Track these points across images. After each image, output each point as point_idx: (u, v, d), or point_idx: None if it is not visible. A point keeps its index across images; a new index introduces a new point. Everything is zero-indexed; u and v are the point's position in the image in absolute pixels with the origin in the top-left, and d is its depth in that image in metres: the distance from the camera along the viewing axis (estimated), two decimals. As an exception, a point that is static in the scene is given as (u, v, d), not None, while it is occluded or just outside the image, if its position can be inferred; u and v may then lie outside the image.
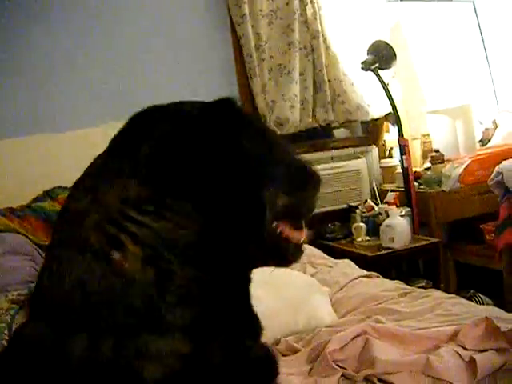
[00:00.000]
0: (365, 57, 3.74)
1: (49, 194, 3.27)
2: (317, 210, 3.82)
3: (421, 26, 4.22)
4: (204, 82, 3.77)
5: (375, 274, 2.62)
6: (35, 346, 0.84)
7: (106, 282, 0.82)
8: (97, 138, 3.43)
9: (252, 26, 3.72)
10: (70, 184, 3.26)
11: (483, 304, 3.02)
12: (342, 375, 1.60)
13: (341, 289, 2.39)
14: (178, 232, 0.87)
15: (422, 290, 2.35)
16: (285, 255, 1.05)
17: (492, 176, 3.20)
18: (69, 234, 0.89)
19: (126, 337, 0.80)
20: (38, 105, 3.40)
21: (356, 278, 2.50)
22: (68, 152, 3.44)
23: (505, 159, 3.29)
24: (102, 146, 3.58)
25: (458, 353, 1.62)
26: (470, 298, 2.97)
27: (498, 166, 3.20)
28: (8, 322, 2.19)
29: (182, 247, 0.87)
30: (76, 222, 0.89)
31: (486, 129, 4.06)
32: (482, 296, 3.21)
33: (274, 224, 1.00)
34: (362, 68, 3.72)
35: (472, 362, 1.55)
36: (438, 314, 1.97)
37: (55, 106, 3.43)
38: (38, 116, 3.40)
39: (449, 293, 2.39)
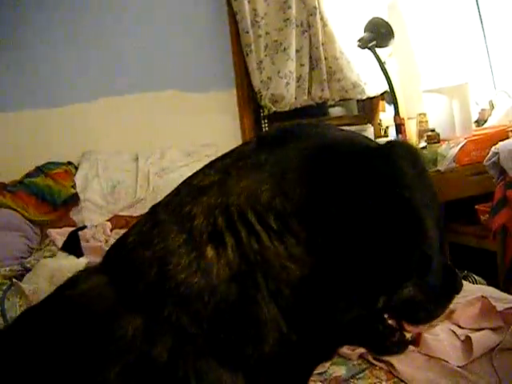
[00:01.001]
0: (362, 34, 3.70)
1: (41, 170, 3.25)
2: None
3: (418, 4, 4.17)
4: (199, 58, 3.75)
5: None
6: (89, 300, 0.74)
7: (184, 273, 0.72)
8: (90, 114, 3.44)
9: (248, 2, 3.67)
10: (62, 159, 3.25)
11: (477, 284, 3.02)
12: (337, 353, 1.59)
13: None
14: (286, 264, 0.74)
15: (417, 270, 2.34)
16: (386, 345, 0.87)
17: (488, 157, 3.19)
18: (179, 202, 0.79)
19: (186, 346, 0.70)
20: (32, 79, 3.36)
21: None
22: (61, 127, 3.42)
23: (501, 140, 3.28)
24: (94, 121, 3.56)
25: (453, 331, 1.61)
26: (463, 278, 2.95)
27: (494, 147, 3.18)
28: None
29: (279, 282, 0.74)
30: (192, 195, 0.79)
31: (483, 109, 4.04)
32: (475, 276, 3.21)
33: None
34: (359, 46, 3.68)
35: (468, 341, 1.55)
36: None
37: (49, 80, 3.40)
38: (31, 90, 3.37)
39: (443, 272, 2.38)
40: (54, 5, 3.40)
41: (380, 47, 3.67)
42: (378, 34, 3.61)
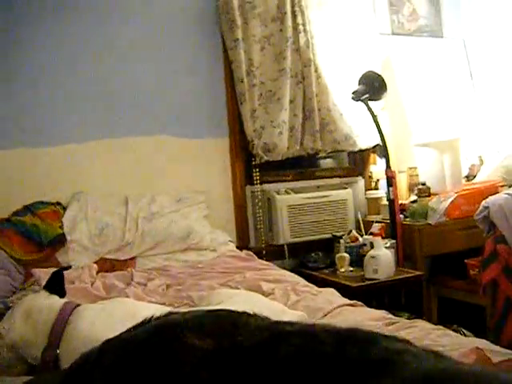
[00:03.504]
0: (355, 87, 3.75)
1: (29, 209, 3.22)
2: (300, 239, 3.77)
3: (412, 61, 4.26)
4: (193, 104, 3.76)
5: (359, 303, 2.57)
6: None
7: None
8: (81, 155, 3.43)
9: (244, 51, 3.72)
10: (51, 199, 3.18)
11: (466, 339, 2.99)
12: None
13: (325, 315, 2.34)
14: None
15: (408, 321, 2.30)
16: None
17: (478, 211, 3.20)
18: None
19: None
20: (25, 117, 3.35)
21: (340, 306, 2.45)
22: (52, 167, 3.40)
23: (490, 195, 3.30)
24: (85, 162, 3.52)
25: None
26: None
27: (484, 201, 3.20)
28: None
29: None
30: None
31: (472, 165, 4.09)
32: (465, 330, 3.18)
33: None
34: (353, 98, 3.73)
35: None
36: (426, 344, 1.93)
37: (42, 119, 3.39)
38: (23, 128, 3.35)
39: (433, 325, 2.35)
40: (51, 43, 3.42)
41: (373, 100, 3.72)
42: (372, 88, 3.66)
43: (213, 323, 0.93)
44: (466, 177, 4.06)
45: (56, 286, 2.54)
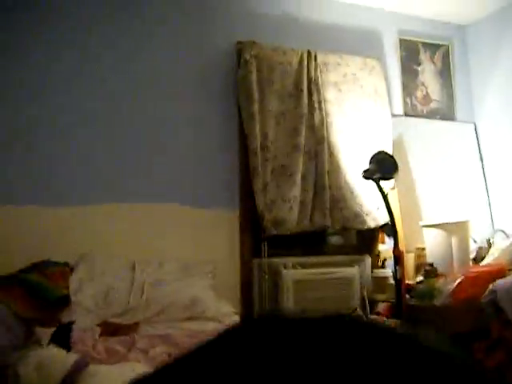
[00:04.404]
0: (367, 166, 3.80)
1: (37, 267, 3.22)
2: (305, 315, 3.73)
3: (423, 142, 4.34)
4: (206, 176, 3.83)
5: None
6: None
7: None
8: (93, 217, 3.47)
9: (260, 125, 3.81)
10: (59, 259, 3.17)
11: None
12: None
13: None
14: None
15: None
16: None
17: (486, 294, 3.19)
18: None
19: None
20: (37, 176, 3.43)
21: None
22: (62, 227, 3.43)
23: (498, 278, 3.29)
24: (96, 225, 3.51)
25: None
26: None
27: (492, 285, 3.19)
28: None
29: None
30: None
31: (480, 247, 4.09)
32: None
33: None
34: (364, 176, 3.77)
35: None
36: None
37: (56, 179, 3.46)
38: (37, 187, 3.42)
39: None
40: (68, 110, 3.53)
41: (384, 179, 3.76)
42: (383, 167, 3.70)
43: None
44: (474, 259, 4.04)
45: (62, 339, 2.53)
